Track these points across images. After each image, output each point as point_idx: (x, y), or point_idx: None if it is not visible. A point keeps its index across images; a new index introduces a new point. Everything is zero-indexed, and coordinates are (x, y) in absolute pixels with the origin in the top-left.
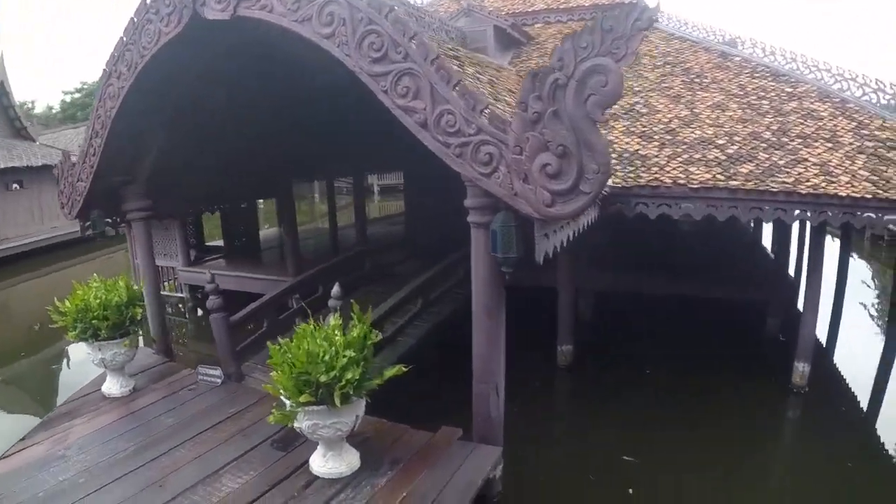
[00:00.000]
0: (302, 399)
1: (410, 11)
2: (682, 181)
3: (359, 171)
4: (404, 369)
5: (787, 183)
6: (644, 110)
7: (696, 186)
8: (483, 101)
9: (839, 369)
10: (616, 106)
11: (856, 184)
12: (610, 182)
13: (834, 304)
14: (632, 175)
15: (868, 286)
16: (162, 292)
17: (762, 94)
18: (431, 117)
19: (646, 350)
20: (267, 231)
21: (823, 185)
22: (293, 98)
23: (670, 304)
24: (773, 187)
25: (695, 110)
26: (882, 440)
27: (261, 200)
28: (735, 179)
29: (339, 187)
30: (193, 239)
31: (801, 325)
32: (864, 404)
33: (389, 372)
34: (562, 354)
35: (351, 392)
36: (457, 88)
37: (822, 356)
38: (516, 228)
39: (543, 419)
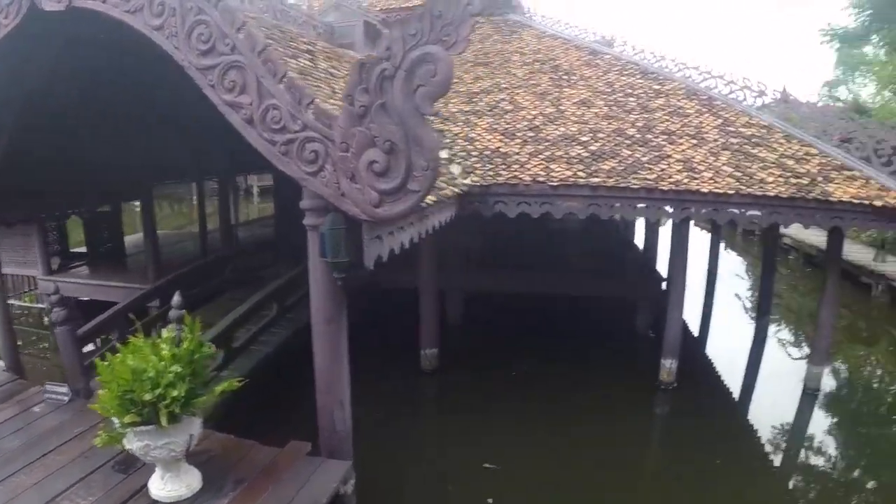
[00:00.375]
0: (127, 419)
1: (274, 5)
2: (542, 179)
3: (226, 172)
4: (237, 383)
5: (650, 179)
6: (509, 107)
7: (555, 184)
8: (309, 95)
9: (709, 363)
10: (482, 103)
11: (719, 180)
12: (468, 181)
13: (705, 299)
14: (491, 173)
15: (741, 279)
16: (21, 303)
17: (629, 91)
18: (257, 113)
19: (515, 351)
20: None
21: (686, 181)
22: (152, 95)
23: (543, 304)
24: (634, 184)
25: (560, 107)
26: (748, 435)
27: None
28: (596, 176)
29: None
30: (57, 245)
31: (667, 323)
32: (732, 398)
33: (220, 387)
34: (426, 358)
35: (177, 410)
36: (283, 82)
37: (692, 351)
38: (347, 231)
39: (404, 427)
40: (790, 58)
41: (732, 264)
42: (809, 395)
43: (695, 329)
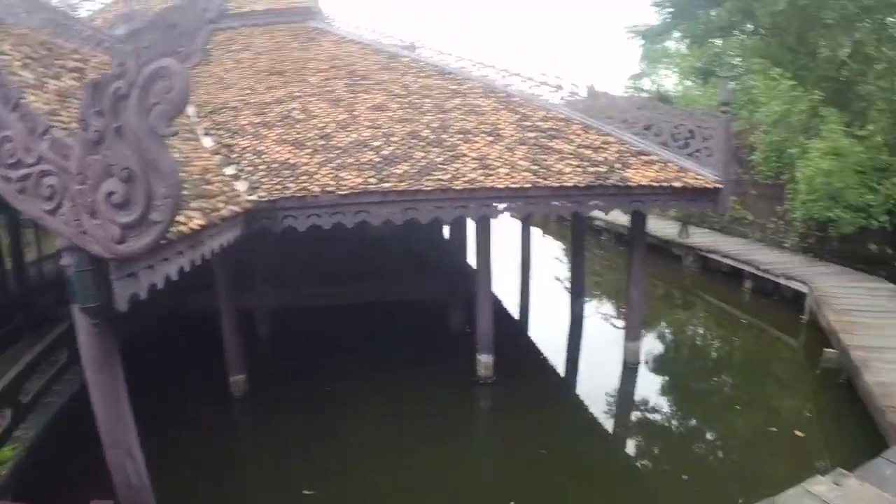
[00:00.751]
0: None
1: (56, 18)
2: (331, 188)
3: None
4: (10, 452)
5: (443, 180)
6: (301, 116)
7: (345, 193)
8: (44, 123)
9: (529, 351)
10: (272, 114)
11: (515, 174)
12: (255, 197)
13: (522, 288)
14: (278, 187)
15: (561, 262)
16: None
17: (426, 92)
18: None
19: (330, 365)
20: None
21: (481, 178)
22: None
23: (358, 312)
24: (427, 186)
25: (354, 113)
26: (573, 419)
27: None
28: (388, 181)
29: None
30: None
31: (477, 319)
32: (553, 385)
33: None
34: (235, 384)
35: None
36: (17, 109)
37: (511, 341)
38: (95, 272)
39: (214, 461)
40: (602, 55)
41: (551, 249)
42: (630, 369)
43: (513, 319)
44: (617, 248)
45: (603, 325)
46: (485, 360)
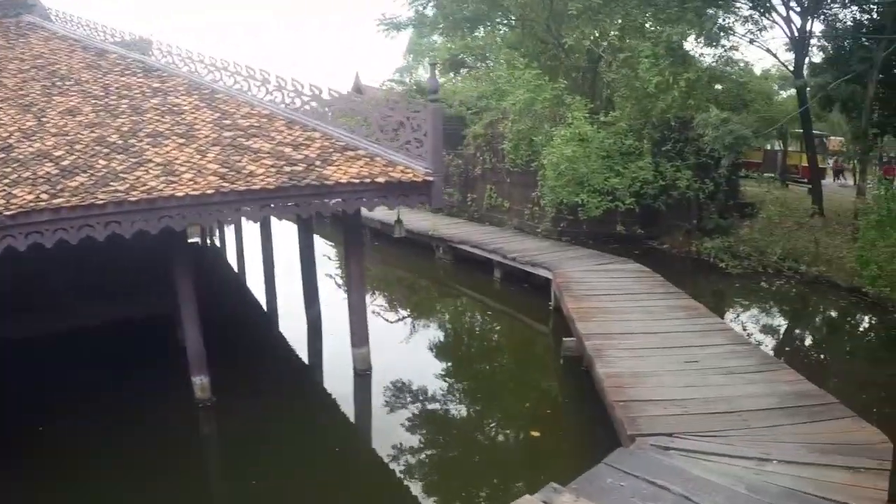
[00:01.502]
0: None
1: None
2: None
3: None
4: None
5: (120, 191)
6: None
7: (13, 212)
8: None
9: (256, 368)
10: None
11: (200, 180)
12: None
13: (267, 295)
14: None
15: (330, 261)
16: None
17: (125, 92)
18: None
19: (49, 400)
20: None
21: (162, 186)
22: None
23: (87, 336)
24: (100, 199)
25: (43, 119)
26: (298, 439)
27: None
28: (61, 196)
29: None
30: None
31: (186, 339)
32: (279, 403)
33: None
34: None
35: None
36: None
37: (246, 353)
38: None
39: None
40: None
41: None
42: (361, 377)
43: (251, 330)
44: (371, 244)
45: (335, 334)
46: (200, 381)
